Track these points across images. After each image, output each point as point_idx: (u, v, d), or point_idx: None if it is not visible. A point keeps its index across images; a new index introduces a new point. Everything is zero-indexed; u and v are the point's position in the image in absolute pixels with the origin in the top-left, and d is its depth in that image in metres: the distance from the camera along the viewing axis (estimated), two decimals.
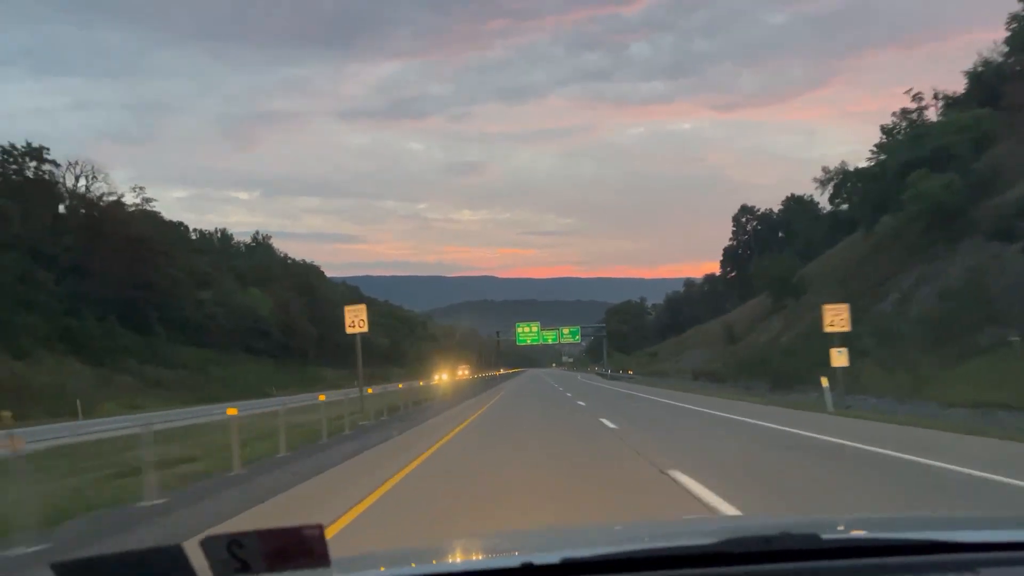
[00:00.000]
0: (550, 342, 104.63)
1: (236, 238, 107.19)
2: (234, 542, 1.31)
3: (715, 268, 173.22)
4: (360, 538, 7.18)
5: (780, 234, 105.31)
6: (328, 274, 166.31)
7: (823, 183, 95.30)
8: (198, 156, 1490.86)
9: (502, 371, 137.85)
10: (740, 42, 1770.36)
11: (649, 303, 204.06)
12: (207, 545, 1.32)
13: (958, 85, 69.28)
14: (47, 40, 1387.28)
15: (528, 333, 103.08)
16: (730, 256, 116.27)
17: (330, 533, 6.71)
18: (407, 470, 12.00)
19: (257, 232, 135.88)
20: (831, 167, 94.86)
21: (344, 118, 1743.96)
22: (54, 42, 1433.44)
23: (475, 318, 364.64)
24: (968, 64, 71.88)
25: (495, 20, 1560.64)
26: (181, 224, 68.35)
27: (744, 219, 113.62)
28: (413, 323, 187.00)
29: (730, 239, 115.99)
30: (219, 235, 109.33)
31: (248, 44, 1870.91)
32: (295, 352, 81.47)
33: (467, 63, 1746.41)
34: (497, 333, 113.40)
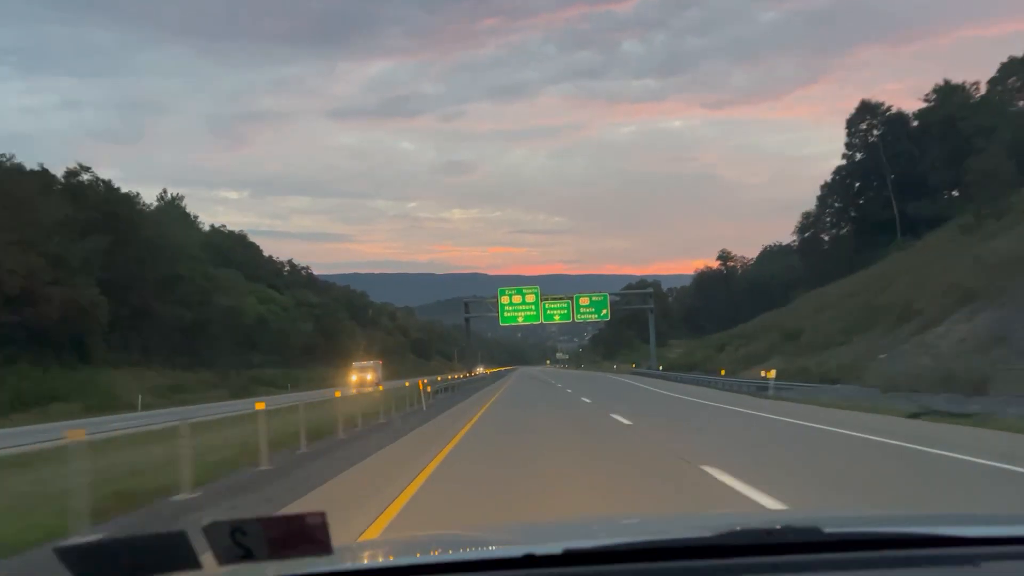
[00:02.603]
0: (557, 320, 62.87)
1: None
2: (237, 529, 1.29)
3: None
4: None
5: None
6: (317, 273, 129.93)
7: None
8: (187, 155, 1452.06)
9: (481, 370, 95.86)
10: (731, 39, 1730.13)
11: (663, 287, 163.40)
12: (210, 531, 1.29)
13: None
14: (35, 39, 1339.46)
15: (520, 307, 61.18)
16: (839, 185, 74.51)
17: None
18: None
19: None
20: None
21: (335, 117, 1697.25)
22: (42, 41, 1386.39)
23: (462, 314, 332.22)
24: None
25: (487, 18, 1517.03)
26: None
27: (864, 124, 71.90)
28: (377, 313, 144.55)
29: (843, 155, 73.94)
30: None
31: (238, 43, 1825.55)
32: (57, 336, 39.87)
33: (459, 62, 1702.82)
34: (465, 306, 70.60)
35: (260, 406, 14.15)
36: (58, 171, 53.53)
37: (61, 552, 1.26)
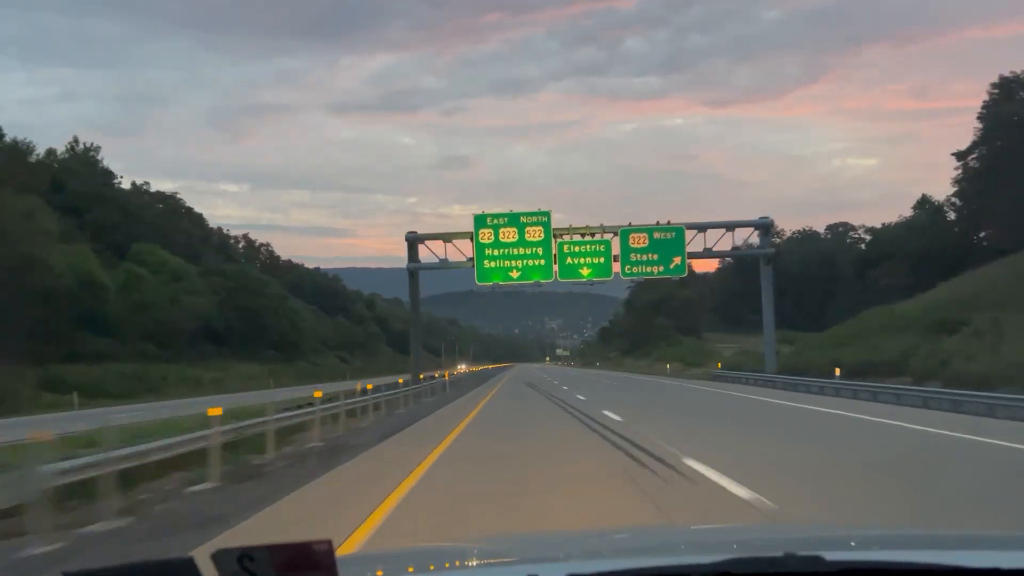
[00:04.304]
0: (585, 277, 35.73)
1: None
2: (245, 555, 1.30)
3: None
4: None
5: None
6: (312, 267, 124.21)
7: None
8: (187, 148, 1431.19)
9: (464, 369, 69.17)
10: (734, 38, 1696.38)
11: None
12: (218, 558, 1.30)
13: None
14: (35, 28, 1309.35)
15: (514, 252, 33.94)
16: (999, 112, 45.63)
17: None
18: None
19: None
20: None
21: (336, 111, 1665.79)
22: (42, 31, 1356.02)
23: (456, 307, 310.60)
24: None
25: (490, 13, 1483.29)
26: None
27: None
28: (347, 299, 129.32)
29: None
30: None
31: (240, 36, 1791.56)
32: None
33: (461, 57, 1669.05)
34: (408, 248, 39.80)
35: None
36: None
37: None
